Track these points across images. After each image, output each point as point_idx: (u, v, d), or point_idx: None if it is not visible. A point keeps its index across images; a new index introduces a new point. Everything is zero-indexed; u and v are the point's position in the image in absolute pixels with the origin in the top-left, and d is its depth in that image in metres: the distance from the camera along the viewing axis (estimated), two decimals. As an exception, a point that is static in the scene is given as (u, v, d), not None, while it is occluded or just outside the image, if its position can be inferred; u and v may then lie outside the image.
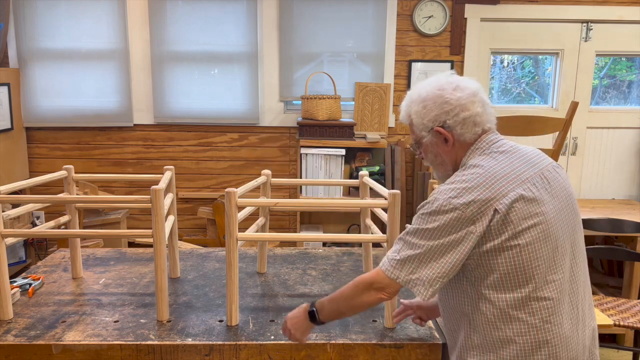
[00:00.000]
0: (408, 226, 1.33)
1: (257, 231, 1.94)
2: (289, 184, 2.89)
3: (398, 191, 1.64)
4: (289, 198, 4.01)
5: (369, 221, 2.04)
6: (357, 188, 3.60)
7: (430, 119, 1.35)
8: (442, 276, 1.27)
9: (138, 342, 1.52)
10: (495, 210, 1.23)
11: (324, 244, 3.79)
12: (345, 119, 3.78)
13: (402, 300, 1.68)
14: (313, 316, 1.44)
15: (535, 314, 1.26)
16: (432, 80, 1.38)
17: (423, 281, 1.27)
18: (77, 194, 2.39)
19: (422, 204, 1.33)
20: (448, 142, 1.36)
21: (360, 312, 1.49)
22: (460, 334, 1.37)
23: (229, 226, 1.58)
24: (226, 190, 1.58)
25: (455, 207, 1.24)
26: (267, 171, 2.00)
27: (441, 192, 1.28)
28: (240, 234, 1.62)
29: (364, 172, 2.06)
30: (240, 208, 1.66)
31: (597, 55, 3.98)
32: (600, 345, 3.02)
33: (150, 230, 1.63)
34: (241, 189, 1.66)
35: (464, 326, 1.35)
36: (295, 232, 3.94)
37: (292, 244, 3.87)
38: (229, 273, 1.60)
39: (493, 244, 1.24)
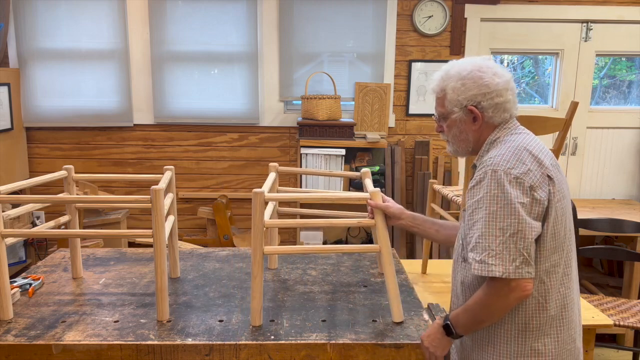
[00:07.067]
0: (475, 219, 1.34)
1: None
2: (294, 172, 2.88)
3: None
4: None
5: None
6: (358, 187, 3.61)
7: (467, 97, 1.42)
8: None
9: (138, 342, 1.52)
10: (549, 176, 1.33)
11: (324, 243, 3.79)
12: (345, 119, 3.77)
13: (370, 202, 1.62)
14: (449, 329, 1.42)
15: (559, 279, 1.36)
16: (470, 61, 1.45)
17: (527, 261, 1.30)
18: (77, 194, 2.39)
19: (475, 179, 1.36)
20: (476, 121, 1.44)
21: (502, 316, 1.39)
22: None
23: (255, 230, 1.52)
24: (254, 191, 1.50)
25: (516, 176, 1.30)
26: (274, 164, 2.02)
27: (495, 164, 1.33)
28: (267, 248, 1.56)
29: (366, 170, 1.99)
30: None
31: (597, 55, 3.98)
32: (601, 345, 3.03)
33: (150, 230, 1.63)
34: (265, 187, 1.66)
35: None
36: (295, 233, 3.94)
37: (292, 243, 3.87)
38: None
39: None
